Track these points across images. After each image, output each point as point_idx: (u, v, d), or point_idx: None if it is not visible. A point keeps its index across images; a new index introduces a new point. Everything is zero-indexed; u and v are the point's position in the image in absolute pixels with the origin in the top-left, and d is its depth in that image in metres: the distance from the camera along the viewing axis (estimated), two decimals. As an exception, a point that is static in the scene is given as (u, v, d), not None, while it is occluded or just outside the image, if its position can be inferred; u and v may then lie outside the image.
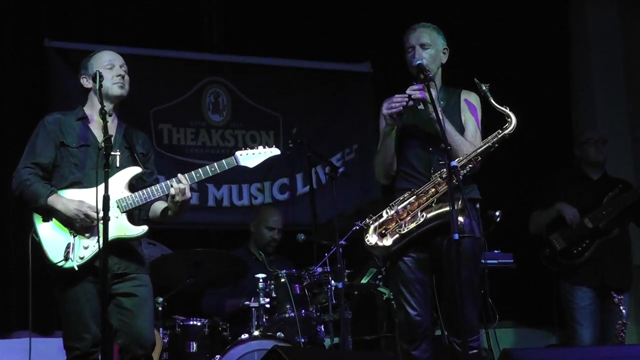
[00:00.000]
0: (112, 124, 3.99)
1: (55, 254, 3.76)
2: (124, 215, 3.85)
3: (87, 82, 4.01)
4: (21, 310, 5.79)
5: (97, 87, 3.80)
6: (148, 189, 3.89)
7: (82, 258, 3.75)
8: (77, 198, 3.77)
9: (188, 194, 3.88)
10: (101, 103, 3.73)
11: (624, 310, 5.14)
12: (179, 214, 3.96)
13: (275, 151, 4.09)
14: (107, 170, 3.60)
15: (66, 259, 3.74)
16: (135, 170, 3.94)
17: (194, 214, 6.33)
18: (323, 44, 6.87)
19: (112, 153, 3.70)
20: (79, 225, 3.77)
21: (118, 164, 3.88)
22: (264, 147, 4.08)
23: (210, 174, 3.97)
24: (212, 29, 6.72)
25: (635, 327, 6.77)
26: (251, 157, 4.06)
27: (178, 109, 6.54)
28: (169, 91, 6.44)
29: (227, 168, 4.00)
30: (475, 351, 3.94)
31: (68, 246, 3.76)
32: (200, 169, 3.95)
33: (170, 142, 6.43)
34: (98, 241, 3.70)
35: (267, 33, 6.74)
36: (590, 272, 5.57)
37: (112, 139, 3.88)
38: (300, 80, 6.95)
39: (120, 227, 3.83)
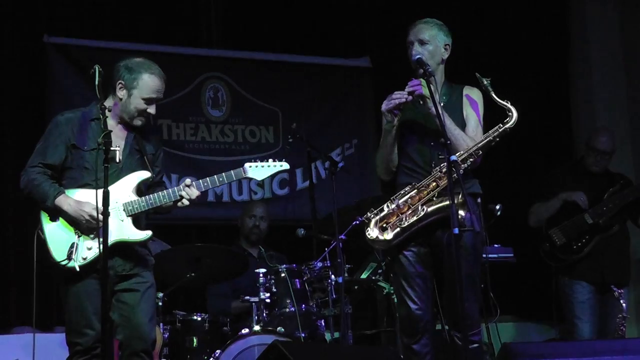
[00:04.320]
0: (123, 126, 3.97)
1: (59, 252, 3.77)
2: (130, 219, 3.86)
3: (120, 91, 3.90)
4: (21, 306, 5.80)
5: (96, 83, 3.72)
6: (155, 194, 3.89)
7: (84, 259, 3.76)
8: (86, 199, 3.75)
9: (196, 199, 3.94)
10: (100, 98, 3.70)
11: (624, 304, 5.15)
12: (171, 211, 4.04)
13: (285, 165, 4.12)
14: (106, 166, 3.59)
15: (69, 258, 3.75)
16: (144, 174, 3.93)
17: (194, 209, 6.27)
18: (322, 39, 6.88)
19: (112, 148, 3.67)
20: (84, 226, 3.77)
21: (118, 160, 3.84)
22: (274, 161, 4.10)
23: (218, 184, 4.00)
24: (211, 24, 6.72)
25: (635, 321, 6.78)
26: (260, 170, 4.07)
27: (177, 104, 6.53)
28: (168, 87, 6.28)
29: (235, 179, 4.03)
30: (475, 345, 3.94)
31: (72, 246, 3.77)
32: (208, 179, 3.96)
33: (170, 137, 6.43)
34: (107, 230, 3.67)
35: (266, 28, 6.74)
36: (589, 268, 5.58)
37: (123, 140, 3.92)
38: (299, 75, 6.95)
39: (125, 230, 3.84)
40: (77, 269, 3.73)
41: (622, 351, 3.91)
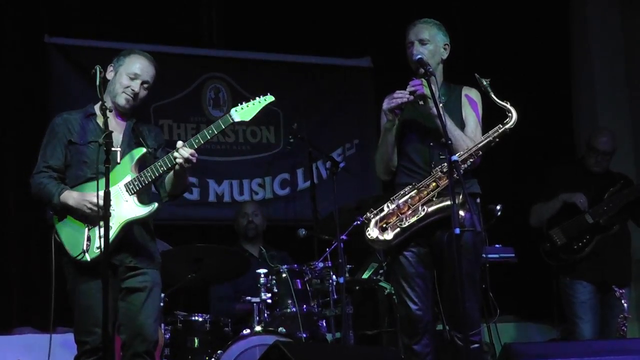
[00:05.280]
0: (122, 119, 4.00)
1: (74, 249, 3.80)
2: (133, 197, 3.86)
3: (109, 74, 3.97)
4: (23, 307, 5.81)
5: (97, 83, 3.74)
6: (151, 166, 3.88)
7: (98, 248, 3.75)
8: (91, 192, 3.75)
9: (194, 159, 3.89)
10: (101, 98, 3.72)
11: (625, 304, 5.14)
12: (183, 180, 3.99)
13: (269, 98, 4.00)
14: (107, 166, 3.60)
15: (85, 252, 3.77)
16: (139, 151, 3.93)
17: (195, 209, 6.34)
18: (323, 39, 6.87)
19: (113, 149, 3.69)
20: (92, 217, 3.78)
21: (119, 160, 3.87)
22: (259, 97, 4.00)
23: (209, 137, 3.91)
24: (212, 24, 6.72)
25: (636, 321, 6.77)
26: (246, 110, 3.96)
27: (178, 104, 6.54)
28: (169, 87, 6.43)
29: (223, 127, 3.93)
30: (476, 345, 3.94)
31: (86, 239, 3.79)
32: (198, 135, 3.92)
33: (171, 137, 6.42)
34: (108, 231, 3.67)
35: (267, 28, 6.74)
36: (590, 268, 5.57)
37: (121, 134, 3.94)
38: (300, 75, 6.95)
39: (130, 210, 3.84)
40: (88, 259, 3.75)
41: (623, 351, 3.91)
